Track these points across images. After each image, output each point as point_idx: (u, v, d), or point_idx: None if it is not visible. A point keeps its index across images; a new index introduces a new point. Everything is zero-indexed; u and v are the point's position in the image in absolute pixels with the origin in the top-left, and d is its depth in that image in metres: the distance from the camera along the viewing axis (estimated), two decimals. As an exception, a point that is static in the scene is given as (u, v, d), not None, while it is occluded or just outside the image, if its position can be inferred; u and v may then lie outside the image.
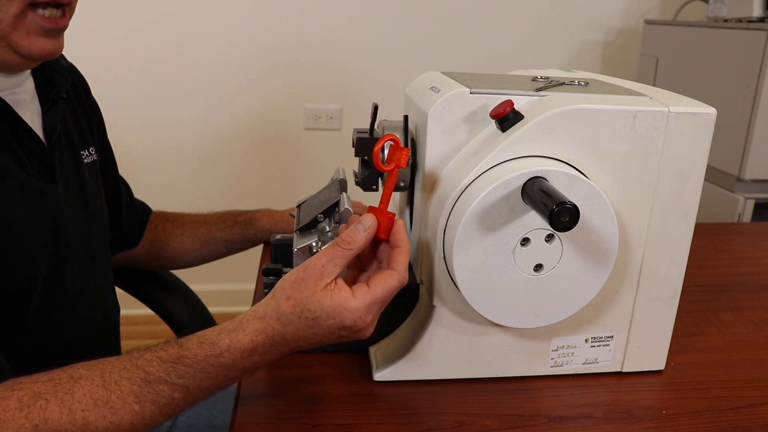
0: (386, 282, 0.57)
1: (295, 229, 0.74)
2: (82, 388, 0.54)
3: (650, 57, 1.99)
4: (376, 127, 0.73)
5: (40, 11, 0.65)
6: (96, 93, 0.90)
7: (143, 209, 1.02)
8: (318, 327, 0.56)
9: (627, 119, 0.63)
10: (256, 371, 0.59)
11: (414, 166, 0.72)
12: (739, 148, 1.63)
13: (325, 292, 0.56)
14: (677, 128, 0.64)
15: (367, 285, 0.57)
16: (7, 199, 0.66)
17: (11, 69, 0.69)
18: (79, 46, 1.05)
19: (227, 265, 1.20)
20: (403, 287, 0.59)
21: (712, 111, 0.65)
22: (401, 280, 0.58)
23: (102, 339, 0.85)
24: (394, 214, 0.61)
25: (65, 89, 0.78)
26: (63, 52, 0.84)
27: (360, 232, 0.58)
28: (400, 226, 0.59)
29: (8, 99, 0.69)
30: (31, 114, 0.73)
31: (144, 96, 2.01)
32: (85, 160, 0.81)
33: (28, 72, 0.74)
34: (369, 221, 0.59)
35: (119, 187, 0.96)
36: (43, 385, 0.54)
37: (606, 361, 0.73)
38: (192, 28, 1.98)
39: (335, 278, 0.57)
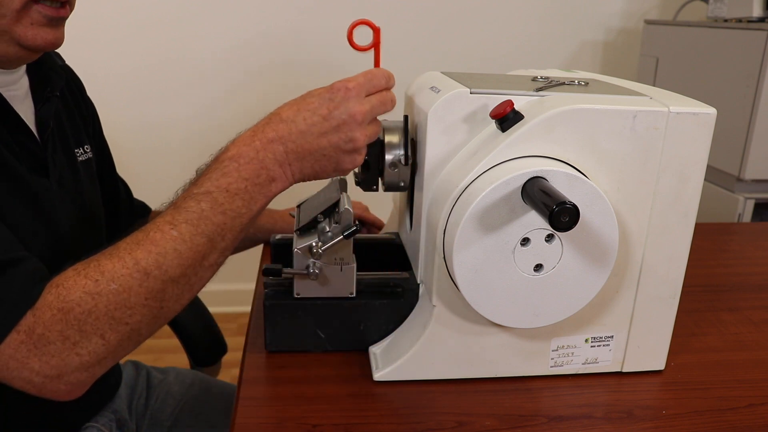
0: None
1: (295, 229, 0.75)
2: (124, 241, 0.59)
3: (650, 57, 1.99)
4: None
5: (41, 3, 0.65)
6: (94, 93, 0.90)
7: (142, 208, 1.02)
8: (309, 98, 0.63)
9: (627, 119, 0.63)
10: (268, 172, 0.61)
11: (414, 166, 0.72)
12: (739, 148, 1.63)
13: None
14: (677, 128, 0.64)
15: None
16: (1, 189, 0.66)
17: (11, 63, 0.69)
18: (76, 46, 1.05)
19: (227, 265, 1.19)
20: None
21: (712, 111, 0.65)
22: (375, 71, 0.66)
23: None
24: None
25: (59, 87, 0.78)
26: (60, 53, 0.84)
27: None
28: None
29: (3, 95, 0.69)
30: (24, 111, 0.73)
31: (142, 95, 2.01)
32: (80, 158, 0.82)
33: (23, 70, 0.74)
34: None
35: (117, 186, 0.96)
36: (93, 256, 0.59)
37: (606, 361, 0.73)
38: (190, 27, 1.98)
39: None
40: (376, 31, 0.68)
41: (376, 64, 0.70)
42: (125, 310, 0.56)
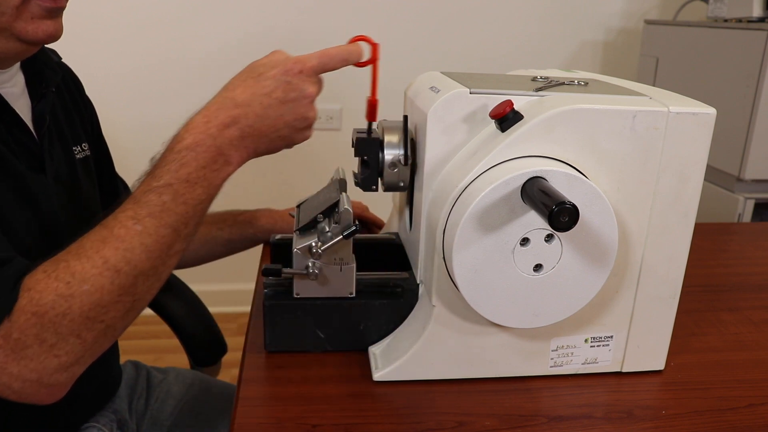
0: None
1: (294, 229, 0.75)
2: (88, 239, 0.58)
3: (650, 57, 1.99)
4: (375, 127, 0.73)
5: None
6: (93, 92, 0.91)
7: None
8: (262, 80, 0.62)
9: (627, 119, 0.63)
10: (225, 157, 0.61)
11: (414, 166, 0.72)
12: (739, 148, 1.63)
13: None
14: (677, 128, 0.64)
15: None
16: None
17: (9, 60, 0.69)
18: (76, 45, 1.05)
19: (227, 265, 1.20)
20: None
21: (712, 111, 0.65)
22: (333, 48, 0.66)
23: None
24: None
25: (55, 83, 0.79)
26: (58, 52, 0.84)
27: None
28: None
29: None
30: (21, 107, 0.73)
31: (142, 95, 2.01)
32: (78, 156, 0.82)
33: (17, 67, 0.74)
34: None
35: (117, 186, 0.96)
36: (58, 255, 0.58)
37: (606, 361, 0.73)
38: (190, 27, 1.98)
39: None
40: (375, 47, 0.68)
41: (374, 79, 0.69)
42: (100, 308, 0.56)
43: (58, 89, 0.81)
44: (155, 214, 0.58)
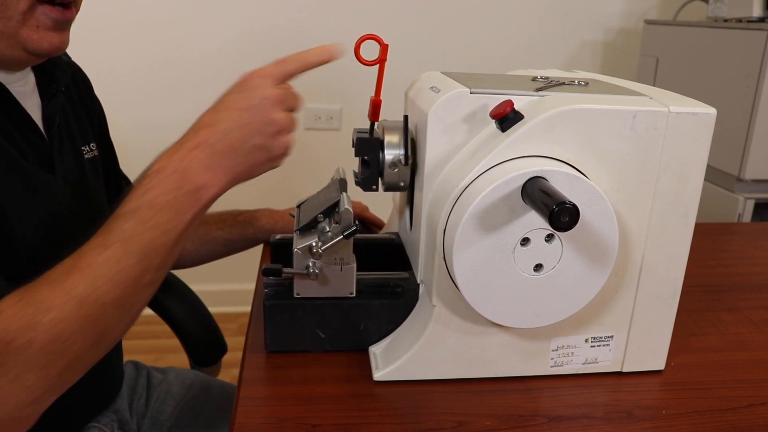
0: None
1: (295, 229, 0.75)
2: (58, 267, 0.56)
3: (650, 57, 1.99)
4: (375, 127, 0.73)
5: (47, 5, 0.65)
6: (96, 92, 0.91)
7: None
8: (224, 97, 0.63)
9: (627, 119, 0.63)
10: (193, 181, 0.60)
11: (414, 166, 0.72)
12: (739, 148, 1.63)
13: None
14: (677, 128, 0.64)
15: None
16: (5, 184, 0.66)
17: (16, 66, 0.70)
18: (78, 45, 1.05)
19: (227, 265, 1.20)
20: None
21: (712, 111, 0.65)
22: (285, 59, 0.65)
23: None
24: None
25: (65, 83, 0.79)
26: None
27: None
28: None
29: (10, 90, 0.69)
30: (31, 107, 0.73)
31: (143, 95, 2.01)
32: (86, 155, 0.82)
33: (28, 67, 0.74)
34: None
35: (122, 186, 0.96)
36: (30, 283, 0.56)
37: (606, 361, 0.73)
38: (191, 26, 1.98)
39: None
40: (384, 47, 0.68)
41: (379, 79, 0.69)
42: (64, 339, 0.54)
43: (68, 88, 0.81)
44: (122, 241, 0.56)
